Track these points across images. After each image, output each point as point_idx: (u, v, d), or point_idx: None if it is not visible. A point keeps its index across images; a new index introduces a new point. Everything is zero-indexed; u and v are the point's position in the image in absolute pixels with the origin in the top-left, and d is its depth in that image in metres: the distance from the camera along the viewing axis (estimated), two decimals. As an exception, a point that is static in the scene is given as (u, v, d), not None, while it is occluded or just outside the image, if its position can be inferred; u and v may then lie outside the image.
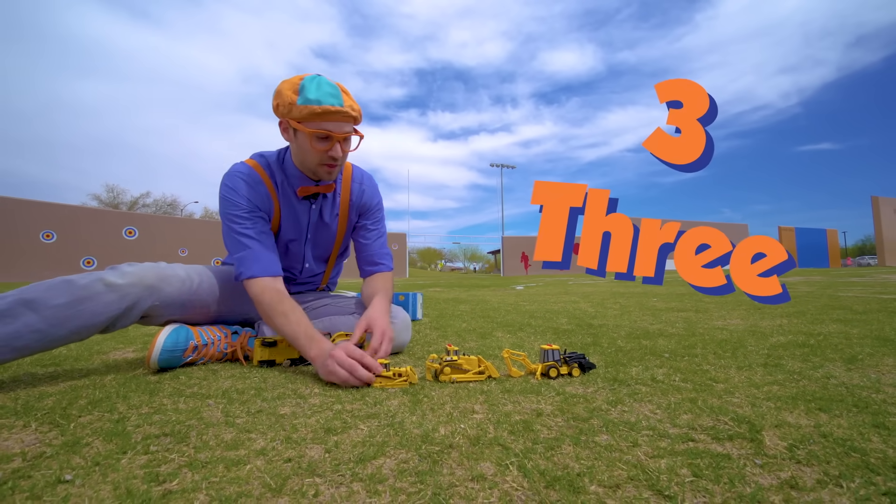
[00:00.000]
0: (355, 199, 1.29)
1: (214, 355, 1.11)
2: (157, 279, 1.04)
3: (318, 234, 1.29)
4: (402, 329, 1.24)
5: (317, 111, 1.01)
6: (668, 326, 1.69)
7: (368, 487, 0.47)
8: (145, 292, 1.00)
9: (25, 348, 0.87)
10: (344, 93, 1.06)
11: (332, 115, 1.03)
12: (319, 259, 1.36)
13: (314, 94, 1.00)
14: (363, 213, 1.33)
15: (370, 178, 1.34)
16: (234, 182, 1.14)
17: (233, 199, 1.13)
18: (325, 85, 1.03)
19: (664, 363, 1.05)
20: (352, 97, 1.08)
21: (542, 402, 0.76)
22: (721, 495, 0.45)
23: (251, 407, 0.75)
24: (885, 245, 20.11)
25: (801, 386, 0.84)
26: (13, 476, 0.50)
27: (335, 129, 1.05)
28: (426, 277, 16.74)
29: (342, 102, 1.03)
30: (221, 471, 0.51)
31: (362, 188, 1.30)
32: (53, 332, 0.88)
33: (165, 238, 12.22)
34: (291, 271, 1.33)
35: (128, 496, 0.45)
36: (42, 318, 0.87)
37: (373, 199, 1.33)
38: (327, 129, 1.04)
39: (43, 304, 0.87)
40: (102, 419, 0.69)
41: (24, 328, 0.85)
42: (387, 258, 1.35)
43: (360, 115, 1.10)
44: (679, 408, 0.71)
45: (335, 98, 1.02)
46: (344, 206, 1.28)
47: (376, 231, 1.35)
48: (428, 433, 0.62)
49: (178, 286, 1.08)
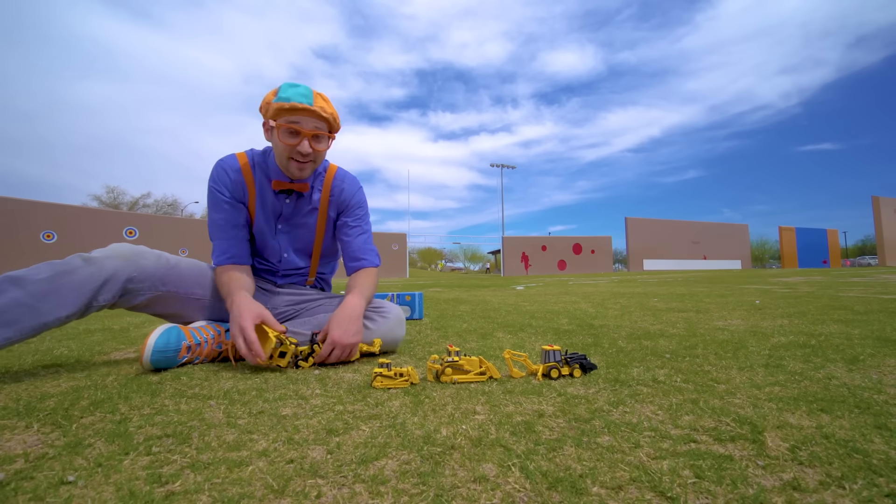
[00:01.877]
0: (335, 196, 1.34)
1: (210, 354, 1.12)
2: (132, 252, 1.12)
3: (294, 228, 1.33)
4: (396, 325, 1.24)
5: (285, 107, 1.11)
6: (669, 327, 1.69)
7: (371, 489, 0.47)
8: (122, 263, 1.08)
9: (15, 324, 0.92)
10: (320, 97, 1.17)
11: (300, 112, 1.13)
12: (301, 253, 1.38)
13: (286, 93, 1.12)
14: (343, 210, 1.36)
15: (352, 178, 1.39)
16: (215, 171, 1.24)
17: (213, 188, 1.23)
18: (302, 88, 1.14)
19: (665, 364, 1.05)
20: (329, 104, 1.18)
21: (543, 403, 0.76)
22: (723, 497, 0.45)
23: (253, 408, 0.75)
24: (886, 245, 20.10)
25: (802, 387, 0.84)
26: (16, 477, 0.50)
27: (303, 123, 1.14)
28: (426, 277, 16.74)
29: (311, 102, 1.13)
30: (224, 472, 0.51)
31: (342, 186, 1.35)
32: (39, 305, 0.94)
33: (166, 238, 12.23)
34: (270, 261, 1.36)
35: (130, 497, 0.45)
36: (27, 293, 0.94)
37: (353, 198, 1.36)
38: (294, 122, 1.13)
39: (26, 280, 0.95)
40: (104, 420, 0.69)
41: (10, 302, 0.92)
42: (370, 254, 1.36)
43: (332, 119, 1.19)
44: (681, 409, 0.71)
45: (305, 98, 1.13)
46: (324, 202, 1.33)
47: (358, 228, 1.37)
48: (430, 434, 0.62)
49: (154, 260, 1.16)
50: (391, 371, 0.88)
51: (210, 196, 1.23)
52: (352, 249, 1.35)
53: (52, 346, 1.42)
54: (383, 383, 0.87)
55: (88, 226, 10.93)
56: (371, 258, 1.36)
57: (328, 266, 1.51)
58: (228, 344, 1.13)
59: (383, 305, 1.27)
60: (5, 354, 1.26)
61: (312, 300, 1.38)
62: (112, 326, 1.94)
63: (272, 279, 1.39)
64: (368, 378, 0.94)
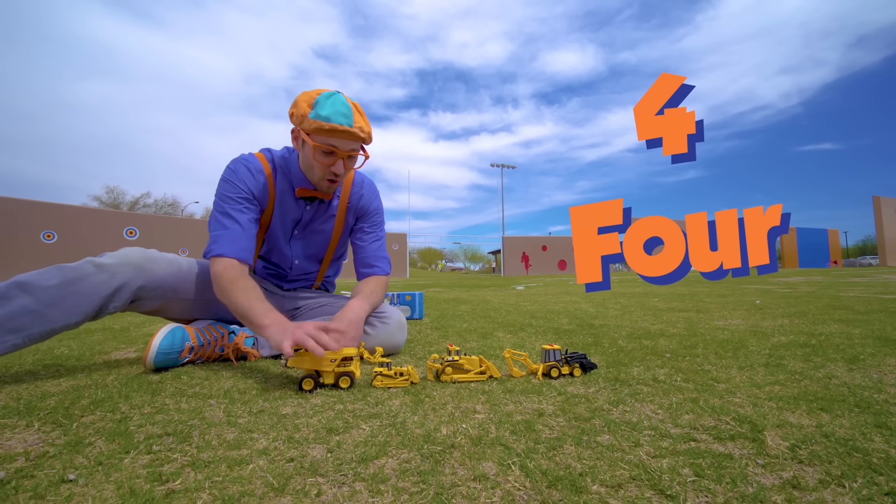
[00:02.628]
0: (353, 202, 1.32)
1: (212, 355, 1.12)
2: (144, 259, 1.08)
3: (310, 234, 1.30)
4: (396, 330, 1.23)
5: (325, 127, 1.04)
6: (670, 326, 1.69)
7: (371, 487, 0.47)
8: (134, 272, 1.04)
9: (23, 331, 0.89)
10: (358, 113, 1.09)
11: (340, 134, 1.06)
12: (312, 258, 1.36)
13: (326, 111, 1.03)
14: (361, 216, 1.35)
15: (371, 184, 1.36)
16: (237, 166, 1.17)
17: (231, 181, 1.14)
18: (339, 104, 1.05)
19: (665, 363, 1.05)
20: (365, 118, 1.11)
21: (543, 402, 0.76)
22: (723, 495, 0.45)
23: (253, 407, 0.75)
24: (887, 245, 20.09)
25: (802, 386, 0.84)
26: (16, 475, 0.50)
27: (341, 146, 1.08)
28: (427, 277, 16.74)
29: (352, 123, 1.06)
30: (224, 470, 0.51)
31: (361, 192, 1.32)
32: (48, 312, 0.91)
33: (166, 238, 12.23)
34: (281, 267, 1.34)
35: (131, 495, 0.45)
36: (36, 300, 0.90)
37: (371, 204, 1.35)
38: (333, 145, 1.07)
39: (36, 286, 0.91)
40: (105, 419, 0.69)
41: (19, 309, 0.89)
42: (382, 262, 1.34)
43: (368, 137, 1.12)
44: (681, 408, 0.71)
45: (345, 118, 1.05)
46: (342, 209, 1.30)
47: (373, 234, 1.36)
48: (430, 433, 0.62)
49: (166, 266, 1.12)
50: (391, 370, 0.88)
51: (227, 188, 1.13)
52: (365, 255, 1.33)
53: (52, 345, 1.42)
54: (383, 382, 0.87)
55: (88, 226, 10.93)
56: (383, 266, 1.34)
57: (334, 268, 1.50)
58: (230, 347, 1.13)
59: (384, 310, 1.26)
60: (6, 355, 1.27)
61: (314, 299, 1.38)
62: (112, 326, 1.95)
63: (279, 283, 1.38)
64: (368, 377, 0.94)
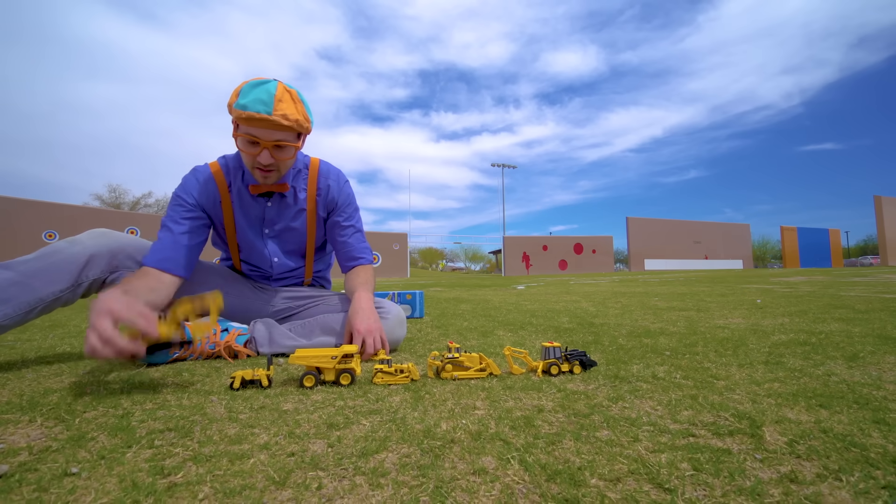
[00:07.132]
0: (322, 194, 1.31)
1: (203, 352, 1.12)
2: (112, 232, 1.18)
3: (284, 232, 1.30)
4: (396, 325, 1.23)
5: (243, 116, 1.02)
6: (670, 325, 1.69)
7: (371, 481, 0.47)
8: (103, 240, 1.13)
9: (11, 300, 0.98)
10: (288, 101, 1.05)
11: (257, 122, 1.03)
12: (293, 255, 1.36)
13: (245, 100, 1.01)
14: (332, 209, 1.33)
15: (337, 173, 1.34)
16: (185, 179, 1.21)
17: (176, 194, 1.19)
18: (262, 92, 1.02)
19: (665, 361, 1.05)
20: (294, 107, 1.06)
21: (543, 398, 0.76)
22: (721, 488, 0.45)
23: (254, 403, 0.75)
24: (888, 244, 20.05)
25: (801, 383, 0.84)
26: (20, 469, 0.50)
27: (261, 135, 1.05)
28: (427, 277, 16.74)
29: (271, 111, 1.02)
30: (225, 464, 0.51)
31: (328, 183, 1.31)
32: (31, 282, 1.01)
33: (167, 238, 12.28)
34: (261, 267, 1.35)
35: (133, 488, 0.46)
36: (18, 273, 1.01)
37: (340, 194, 1.33)
38: (252, 134, 1.05)
39: (16, 262, 1.03)
40: (107, 414, 0.70)
41: (3, 282, 0.99)
42: (365, 252, 1.36)
43: (297, 125, 1.08)
44: (680, 404, 0.72)
45: (264, 105, 1.01)
46: (311, 202, 1.29)
47: (351, 227, 1.35)
48: (430, 428, 0.62)
49: (134, 239, 1.19)
50: (391, 367, 0.89)
51: (172, 201, 1.18)
52: (347, 249, 1.34)
53: (54, 343, 1.42)
54: (384, 379, 0.88)
55: (90, 225, 10.92)
56: (367, 256, 1.36)
57: (323, 262, 1.50)
58: (222, 344, 1.13)
59: (383, 305, 1.27)
60: (8, 352, 1.27)
61: (311, 297, 1.38)
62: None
63: (266, 283, 1.39)
64: (369, 374, 0.94)
